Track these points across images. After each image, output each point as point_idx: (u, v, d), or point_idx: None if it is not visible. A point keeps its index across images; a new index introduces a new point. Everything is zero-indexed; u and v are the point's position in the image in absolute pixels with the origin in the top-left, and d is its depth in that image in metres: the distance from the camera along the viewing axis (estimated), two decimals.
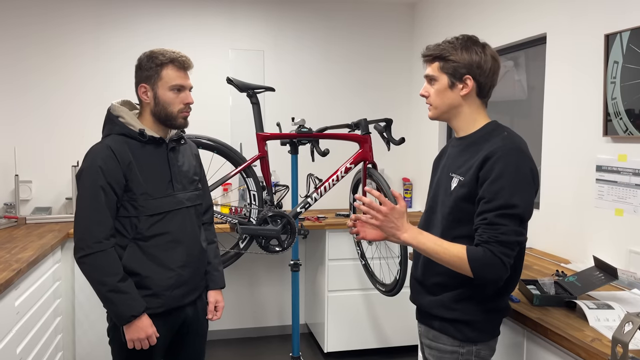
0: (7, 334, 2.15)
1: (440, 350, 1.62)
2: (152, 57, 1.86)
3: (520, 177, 1.46)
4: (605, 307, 1.67)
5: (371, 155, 2.74)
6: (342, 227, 3.41)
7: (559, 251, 2.53)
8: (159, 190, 1.85)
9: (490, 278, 1.46)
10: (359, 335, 3.52)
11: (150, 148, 1.87)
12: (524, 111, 3.01)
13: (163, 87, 1.85)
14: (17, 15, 3.47)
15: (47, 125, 3.55)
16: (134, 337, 1.77)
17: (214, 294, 2.07)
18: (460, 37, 1.59)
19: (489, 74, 1.56)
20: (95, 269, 1.74)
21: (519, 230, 1.46)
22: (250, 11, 3.85)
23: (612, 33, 2.18)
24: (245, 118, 3.16)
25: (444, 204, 1.60)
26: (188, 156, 2.01)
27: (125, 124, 1.84)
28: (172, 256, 1.86)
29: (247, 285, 3.93)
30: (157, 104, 1.86)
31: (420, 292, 1.69)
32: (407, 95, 4.15)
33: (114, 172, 1.76)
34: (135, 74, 1.90)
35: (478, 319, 1.56)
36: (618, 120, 2.16)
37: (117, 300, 1.74)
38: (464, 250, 1.46)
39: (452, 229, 1.56)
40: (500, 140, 1.51)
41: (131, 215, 1.81)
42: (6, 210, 3.41)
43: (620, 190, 2.17)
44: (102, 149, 1.78)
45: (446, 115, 1.63)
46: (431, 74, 1.61)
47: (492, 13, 3.08)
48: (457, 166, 1.59)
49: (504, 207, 1.44)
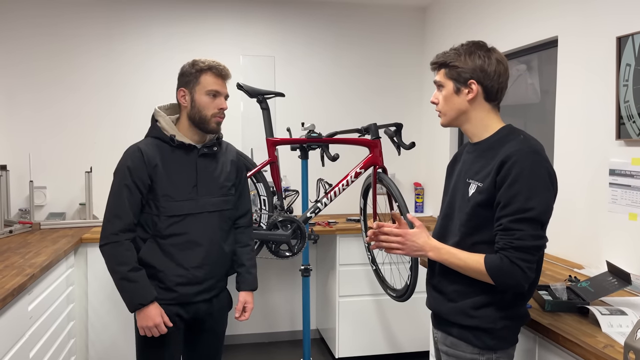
0: (21, 338, 2.17)
1: (459, 357, 1.60)
2: (193, 64, 2.00)
3: (536, 181, 1.45)
4: (618, 313, 1.64)
5: (381, 160, 2.74)
6: (353, 232, 3.41)
7: (571, 256, 2.50)
8: (181, 193, 1.95)
9: (511, 284, 1.47)
10: (370, 341, 3.50)
11: (180, 153, 1.98)
12: (537, 115, 2.98)
13: (200, 91, 1.98)
14: (30, 25, 3.52)
15: (61, 131, 3.60)
16: (143, 324, 1.89)
17: (245, 295, 2.16)
18: (466, 43, 1.60)
19: (494, 77, 1.56)
20: (110, 257, 1.89)
21: (536, 234, 1.45)
22: (261, 17, 3.87)
23: (624, 35, 2.15)
24: (256, 123, 3.18)
25: (461, 210, 1.59)
26: (224, 162, 2.09)
27: (160, 128, 1.98)
28: (189, 256, 1.96)
29: (258, 290, 3.89)
30: (193, 107, 1.98)
31: (437, 299, 1.67)
32: (418, 99, 4.14)
33: (140, 172, 1.91)
34: (177, 80, 2.03)
35: (498, 326, 1.54)
36: (631, 123, 2.14)
37: (127, 288, 1.88)
38: (482, 260, 1.48)
39: (471, 235, 1.55)
40: (516, 143, 1.50)
41: (153, 213, 1.94)
42: (21, 216, 3.45)
43: (634, 194, 2.14)
44: (134, 150, 1.94)
45: (456, 121, 1.63)
46: (438, 81, 1.63)
47: (503, 16, 3.06)
48: (474, 172, 1.58)
49: (519, 211, 1.44)
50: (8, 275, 2.21)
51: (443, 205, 1.73)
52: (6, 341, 2.02)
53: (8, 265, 2.40)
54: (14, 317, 2.11)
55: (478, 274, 1.50)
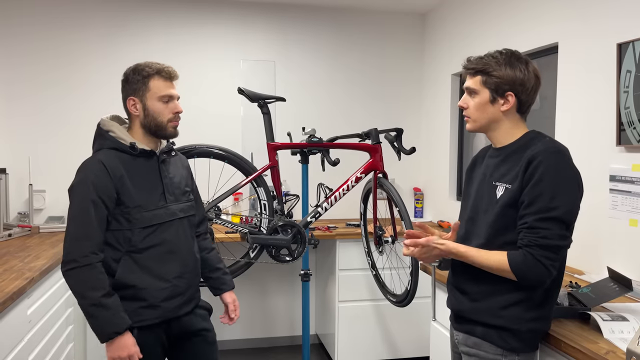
0: (19, 343, 2.16)
1: (481, 357, 1.60)
2: (137, 70, 1.87)
3: (561, 180, 1.47)
4: (620, 319, 1.64)
5: (382, 165, 2.74)
6: (353, 237, 3.40)
7: (572, 262, 2.50)
8: (151, 202, 1.85)
9: (533, 280, 1.48)
10: (369, 346, 3.49)
11: (142, 161, 1.87)
12: (536, 121, 2.98)
13: (152, 98, 1.86)
14: (29, 28, 3.52)
15: (60, 135, 3.59)
16: (115, 355, 1.75)
17: (230, 294, 2.13)
18: (504, 52, 1.59)
19: (531, 92, 1.59)
20: (80, 282, 1.72)
21: (562, 234, 1.47)
22: (262, 23, 3.88)
23: (624, 42, 2.16)
24: (256, 128, 3.19)
25: (487, 213, 1.60)
26: (179, 168, 2.01)
27: (116, 138, 1.85)
28: (167, 267, 1.87)
29: (257, 295, 3.93)
30: (147, 115, 1.86)
31: (460, 299, 1.67)
32: (418, 104, 4.15)
33: (106, 187, 1.76)
34: (122, 88, 1.91)
35: (524, 328, 1.54)
36: (631, 129, 2.14)
37: (100, 316, 1.71)
38: (504, 256, 1.50)
39: (498, 236, 1.56)
40: (542, 144, 1.52)
41: (124, 228, 1.80)
42: (20, 219, 3.44)
43: (634, 200, 2.14)
44: (94, 164, 1.79)
45: (484, 128, 1.65)
46: (472, 87, 1.62)
47: (503, 22, 3.07)
48: (501, 175, 1.59)
49: (543, 210, 1.45)
50: (7, 279, 2.20)
51: (465, 209, 1.73)
52: (5, 345, 2.01)
53: (7, 269, 2.39)
54: (13, 321, 2.10)
55: (500, 268, 1.50)
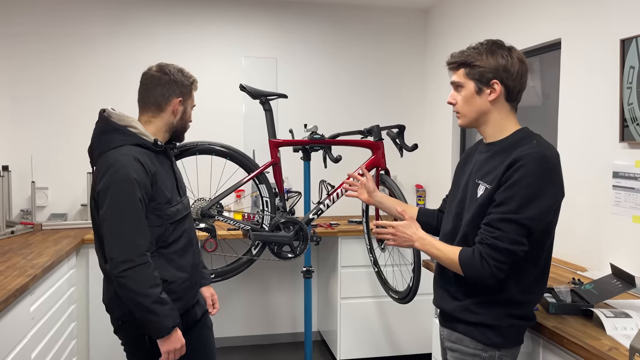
0: (23, 339, 2.17)
1: (462, 352, 1.61)
2: (184, 73, 1.92)
3: (537, 187, 1.45)
4: (623, 316, 1.64)
5: (384, 162, 2.73)
6: (355, 234, 3.40)
7: (575, 259, 2.50)
8: (174, 197, 1.90)
9: (475, 277, 1.50)
10: (372, 343, 3.50)
11: (161, 157, 1.90)
12: (538, 118, 2.98)
13: (191, 104, 1.96)
14: (32, 27, 3.52)
15: (63, 132, 3.60)
16: (171, 348, 1.75)
17: (208, 288, 2.16)
18: (485, 42, 1.57)
19: (517, 77, 1.55)
20: (140, 281, 1.68)
21: (516, 239, 1.44)
22: (264, 20, 3.87)
23: (627, 38, 2.15)
24: (258, 125, 3.18)
25: (468, 210, 1.60)
26: (177, 164, 2.08)
27: (139, 135, 1.82)
28: (186, 259, 1.92)
29: (260, 292, 3.93)
30: (183, 119, 1.94)
31: (444, 297, 1.68)
32: (420, 101, 4.14)
33: (145, 184, 1.75)
34: (165, 85, 1.89)
35: (504, 324, 1.55)
36: (635, 125, 2.13)
37: (160, 312, 1.70)
38: (457, 251, 1.53)
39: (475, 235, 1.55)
40: (528, 148, 1.49)
41: (155, 224, 1.78)
42: (22, 217, 3.45)
43: (637, 196, 2.13)
44: (131, 161, 1.73)
45: (476, 122, 1.63)
46: (457, 81, 1.60)
47: (505, 18, 3.06)
48: (484, 173, 1.58)
49: (508, 212, 1.45)
50: (10, 276, 2.21)
51: (452, 203, 1.72)
52: (8, 342, 2.02)
53: (10, 266, 2.40)
54: (16, 318, 2.10)
55: (453, 264, 1.54)
